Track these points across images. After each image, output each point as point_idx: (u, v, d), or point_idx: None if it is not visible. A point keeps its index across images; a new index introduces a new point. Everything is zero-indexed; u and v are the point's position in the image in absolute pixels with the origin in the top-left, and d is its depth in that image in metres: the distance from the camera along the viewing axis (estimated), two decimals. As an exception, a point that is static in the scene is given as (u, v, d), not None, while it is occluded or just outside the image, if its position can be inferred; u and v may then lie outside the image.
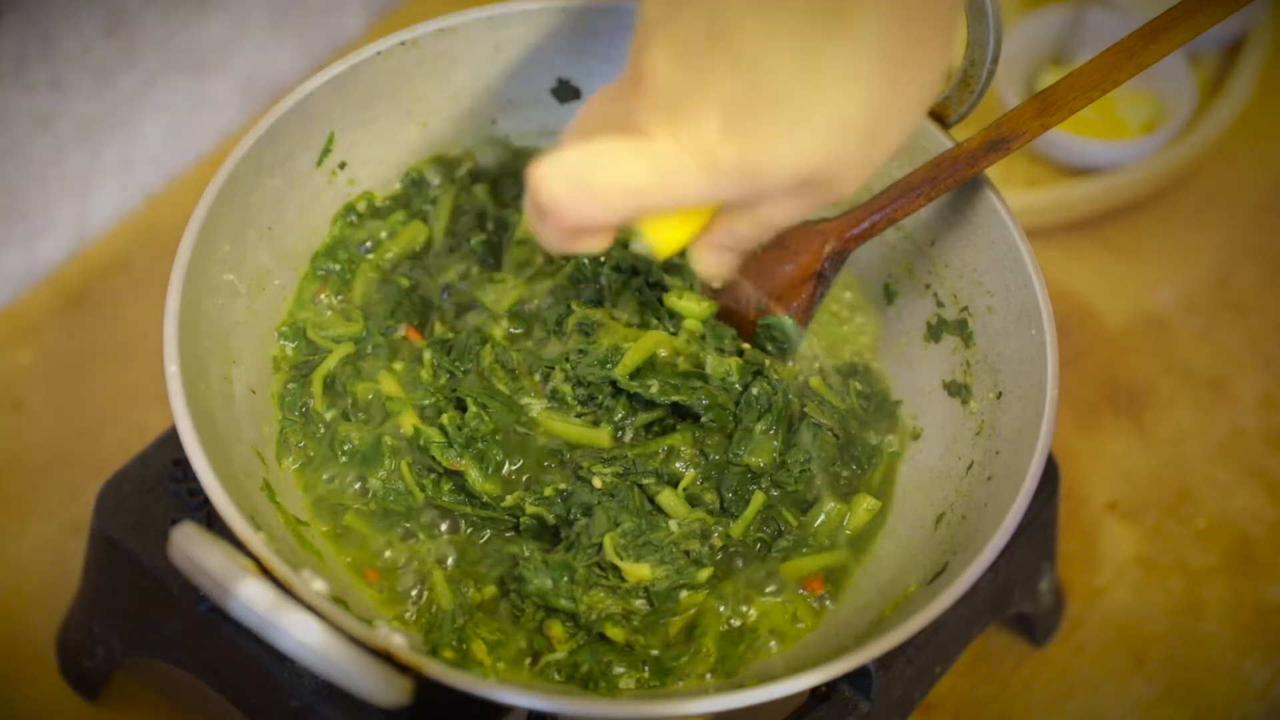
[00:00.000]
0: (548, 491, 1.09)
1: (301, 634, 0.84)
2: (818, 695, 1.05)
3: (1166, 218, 1.59)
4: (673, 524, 1.08)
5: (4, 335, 1.45)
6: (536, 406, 1.13)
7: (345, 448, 1.11)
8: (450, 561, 1.09)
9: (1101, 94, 1.06)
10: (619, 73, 1.22)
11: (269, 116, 1.11)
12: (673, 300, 1.17)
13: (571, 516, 1.08)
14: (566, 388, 1.13)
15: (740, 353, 1.16)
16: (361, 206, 1.20)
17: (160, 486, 1.11)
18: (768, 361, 1.16)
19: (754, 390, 1.13)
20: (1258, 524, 1.38)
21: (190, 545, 0.86)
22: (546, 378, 1.14)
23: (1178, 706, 1.28)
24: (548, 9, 1.20)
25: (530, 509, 1.09)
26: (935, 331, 1.18)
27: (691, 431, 1.12)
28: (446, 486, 1.10)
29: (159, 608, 1.09)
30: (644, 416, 1.13)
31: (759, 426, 1.12)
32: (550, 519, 1.09)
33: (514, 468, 1.11)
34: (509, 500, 1.10)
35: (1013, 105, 1.56)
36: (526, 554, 1.08)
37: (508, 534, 1.10)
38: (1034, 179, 1.58)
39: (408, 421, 1.12)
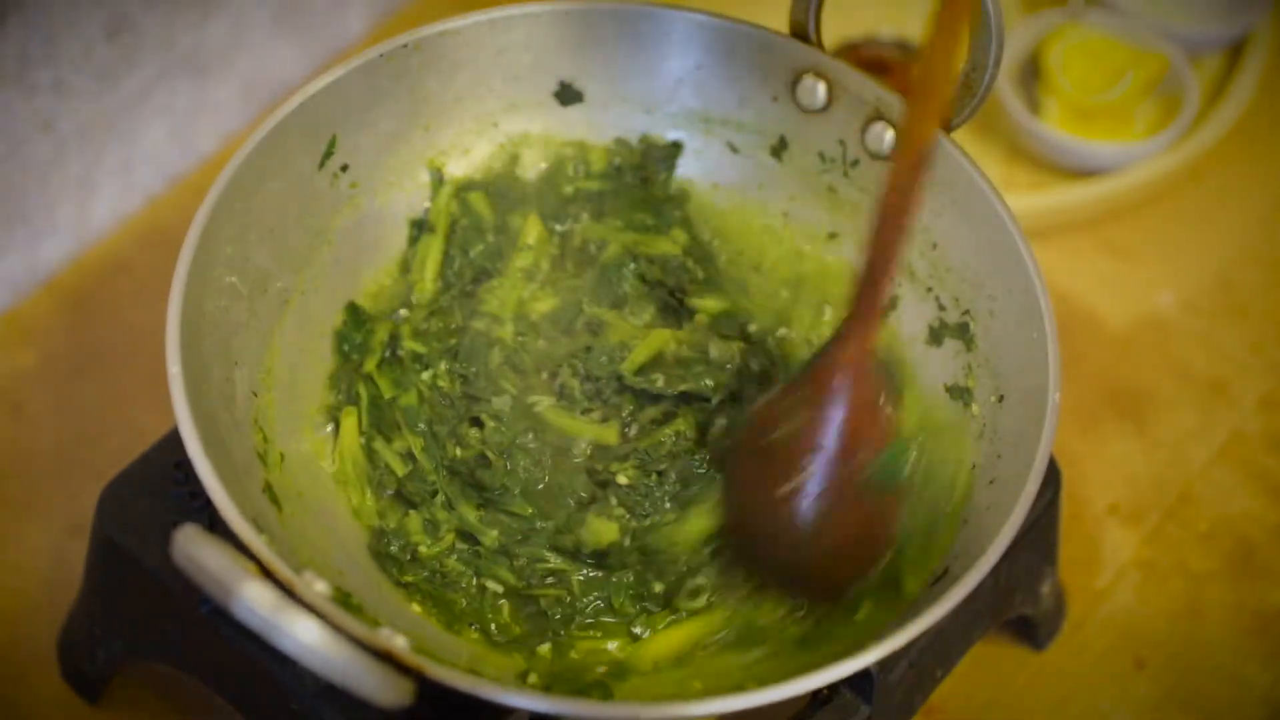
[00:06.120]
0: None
1: (303, 635, 0.84)
2: (819, 698, 1.05)
3: (1168, 220, 1.59)
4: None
5: (5, 337, 1.45)
6: (544, 403, 1.13)
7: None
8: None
9: None
10: (621, 75, 1.24)
11: (271, 119, 1.11)
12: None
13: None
14: (574, 383, 1.13)
15: (745, 337, 1.16)
16: None
17: (162, 489, 1.11)
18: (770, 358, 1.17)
19: (754, 365, 1.13)
20: (1259, 527, 1.38)
21: (193, 547, 0.86)
22: (555, 375, 1.14)
23: (1179, 710, 1.28)
24: (550, 12, 1.20)
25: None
26: (937, 335, 1.18)
27: (694, 414, 1.12)
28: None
29: (160, 610, 1.09)
30: (651, 411, 1.13)
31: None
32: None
33: (541, 486, 1.12)
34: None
35: (1013, 107, 1.56)
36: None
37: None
38: (1036, 182, 1.58)
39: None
